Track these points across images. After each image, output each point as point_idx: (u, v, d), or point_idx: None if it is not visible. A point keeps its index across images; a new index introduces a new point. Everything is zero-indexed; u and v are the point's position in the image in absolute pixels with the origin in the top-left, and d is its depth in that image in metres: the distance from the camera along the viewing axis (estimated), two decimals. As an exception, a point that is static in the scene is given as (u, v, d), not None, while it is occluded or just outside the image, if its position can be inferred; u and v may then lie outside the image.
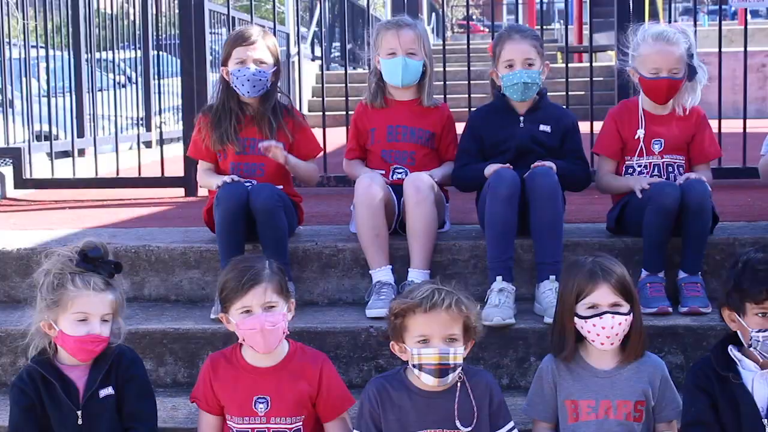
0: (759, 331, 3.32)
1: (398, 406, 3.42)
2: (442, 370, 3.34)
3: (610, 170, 4.65)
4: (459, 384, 3.42)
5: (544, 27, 8.67)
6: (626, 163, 4.62)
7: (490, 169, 4.37)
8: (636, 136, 4.57)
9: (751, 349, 3.35)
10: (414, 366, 3.38)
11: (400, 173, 4.69)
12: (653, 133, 4.57)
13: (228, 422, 3.58)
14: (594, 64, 7.01)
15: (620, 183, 4.60)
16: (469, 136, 4.66)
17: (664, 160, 4.57)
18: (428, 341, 3.35)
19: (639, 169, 4.57)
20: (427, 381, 3.38)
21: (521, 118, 4.60)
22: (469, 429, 3.38)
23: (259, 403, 3.54)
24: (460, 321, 3.36)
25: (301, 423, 3.56)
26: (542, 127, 4.59)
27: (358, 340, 4.20)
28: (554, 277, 4.13)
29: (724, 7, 7.11)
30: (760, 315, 3.32)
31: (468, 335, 3.40)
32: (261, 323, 3.47)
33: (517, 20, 7.70)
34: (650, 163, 4.57)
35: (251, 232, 4.41)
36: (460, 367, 3.40)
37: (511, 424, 3.48)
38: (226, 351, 3.67)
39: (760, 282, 3.30)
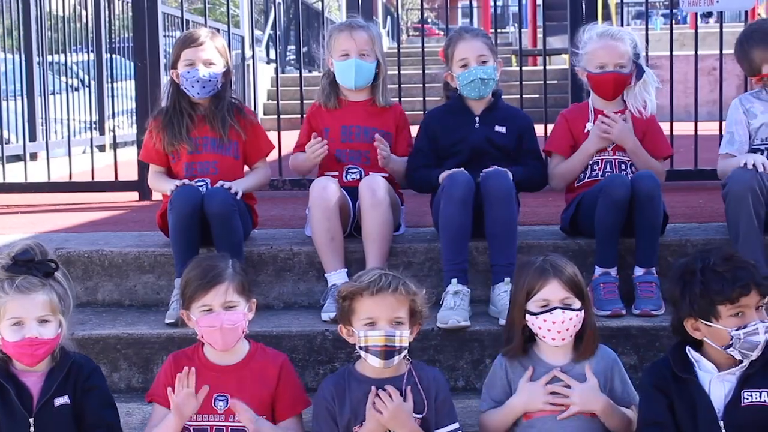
0: (739, 329, 3.33)
1: (351, 398, 3.46)
2: (387, 352, 3.40)
3: (558, 166, 4.70)
4: (407, 373, 3.48)
5: (499, 30, 8.72)
6: None
7: (443, 175, 4.39)
8: (585, 130, 4.63)
9: (730, 350, 3.35)
10: (360, 348, 3.45)
11: (354, 173, 4.70)
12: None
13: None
14: (548, 67, 7.06)
15: (573, 160, 4.60)
16: (423, 136, 4.68)
17: (615, 157, 4.61)
18: (375, 324, 3.42)
19: (590, 164, 4.62)
20: (373, 363, 3.43)
21: (477, 119, 4.63)
22: (420, 416, 3.41)
23: (219, 400, 3.57)
24: (407, 304, 3.44)
25: None
26: (498, 128, 4.62)
27: (313, 344, 4.20)
28: (509, 279, 4.14)
29: (675, 11, 7.18)
30: (734, 315, 3.34)
31: (414, 319, 3.48)
32: (221, 321, 3.53)
33: (471, 23, 7.75)
34: (602, 159, 4.61)
35: (206, 236, 4.39)
36: (406, 350, 3.45)
37: (456, 425, 3.49)
38: (188, 350, 3.71)
39: (729, 282, 3.32)
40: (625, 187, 4.26)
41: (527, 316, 3.51)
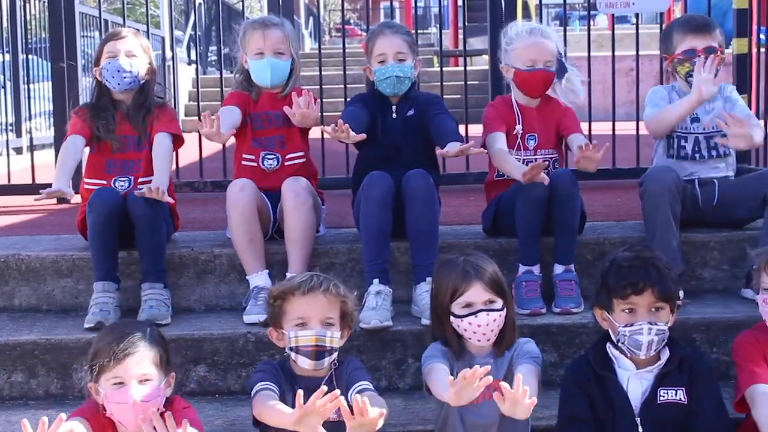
0: (626, 326, 3.41)
1: (283, 391, 3.43)
2: (318, 353, 3.40)
3: (501, 147, 4.57)
4: (332, 372, 3.48)
5: (422, 31, 8.75)
6: None
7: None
8: (515, 131, 4.67)
9: (620, 344, 3.44)
10: (291, 349, 3.43)
11: (271, 159, 4.68)
12: (527, 129, 4.68)
13: None
14: (469, 67, 7.11)
15: (511, 166, 4.48)
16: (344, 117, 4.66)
17: (537, 156, 4.66)
18: (306, 324, 3.40)
19: None
20: (303, 364, 3.42)
21: (393, 107, 4.65)
22: (338, 415, 3.38)
23: None
24: (337, 305, 3.43)
25: None
26: (410, 112, 4.64)
27: (236, 346, 4.17)
28: (430, 279, 4.15)
29: (593, 12, 7.28)
30: (626, 311, 3.42)
31: (344, 322, 3.47)
32: (133, 397, 3.18)
33: (393, 24, 7.75)
34: (524, 158, 4.66)
35: (123, 238, 4.35)
36: (336, 352, 3.45)
37: (366, 384, 3.42)
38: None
39: (623, 278, 3.40)
40: (543, 187, 4.30)
41: (452, 318, 3.53)
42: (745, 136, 4.43)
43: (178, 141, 4.71)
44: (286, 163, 4.68)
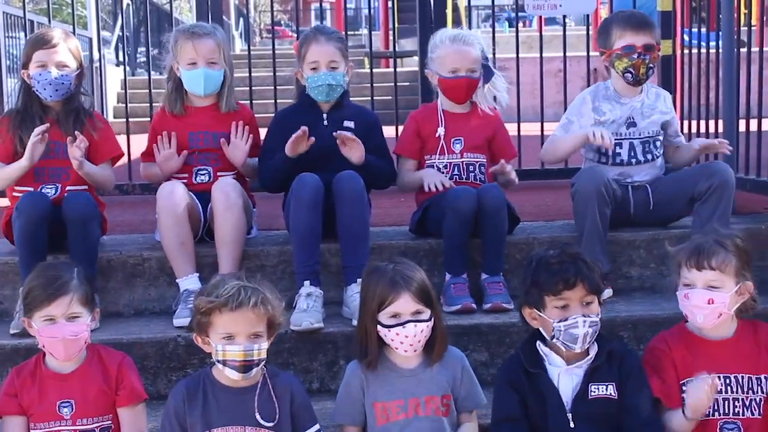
0: (560, 321, 3.44)
1: (203, 404, 3.42)
2: (246, 366, 3.37)
3: (410, 169, 4.75)
4: (261, 381, 3.46)
5: (352, 32, 8.75)
6: (427, 162, 4.72)
7: (289, 143, 4.40)
8: (437, 134, 4.69)
9: (554, 341, 3.47)
10: (218, 361, 3.40)
11: (203, 175, 4.66)
12: (453, 133, 4.70)
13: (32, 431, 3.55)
14: (399, 69, 7.13)
15: (413, 178, 4.68)
16: (272, 135, 4.66)
17: (463, 159, 4.69)
18: (233, 338, 3.37)
19: (440, 167, 4.68)
20: (231, 375, 3.40)
21: (325, 116, 4.64)
22: (272, 425, 3.39)
23: (63, 407, 3.54)
24: (266, 318, 3.41)
25: (109, 421, 3.58)
26: (346, 123, 4.64)
27: (165, 350, 4.14)
28: (361, 280, 4.17)
29: (522, 14, 7.35)
30: (558, 307, 3.45)
31: (272, 331, 3.46)
32: (63, 333, 3.49)
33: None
34: (450, 162, 4.68)
35: (53, 243, 4.30)
36: (264, 362, 3.43)
37: (316, 427, 3.51)
38: (29, 362, 3.64)
39: (554, 274, 3.43)
40: (471, 201, 4.34)
41: (379, 327, 3.52)
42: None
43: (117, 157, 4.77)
44: (219, 174, 4.65)
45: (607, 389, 3.48)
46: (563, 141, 4.76)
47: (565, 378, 3.50)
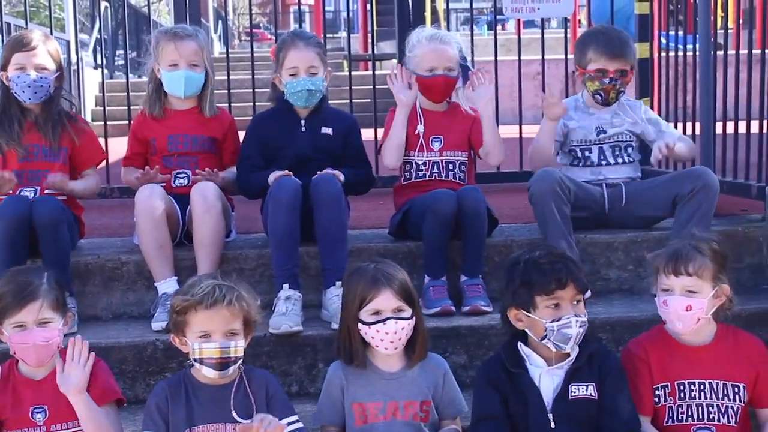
0: (553, 321, 3.44)
1: (186, 402, 3.43)
2: (223, 364, 3.38)
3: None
4: (237, 379, 3.47)
5: (331, 35, 8.74)
6: (405, 158, 4.73)
7: (272, 176, 4.39)
8: (416, 132, 4.69)
9: (545, 341, 3.46)
10: (195, 360, 3.40)
11: (182, 178, 4.65)
12: (432, 131, 4.72)
13: None
14: (378, 72, 7.13)
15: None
16: (250, 141, 4.67)
17: (443, 157, 4.71)
18: (209, 336, 3.37)
19: (420, 164, 4.69)
20: (208, 374, 3.40)
21: (302, 122, 4.64)
22: (249, 421, 3.38)
23: (37, 413, 3.51)
24: (241, 316, 3.41)
25: None
26: (324, 130, 4.65)
27: (144, 354, 4.13)
28: (340, 283, 4.14)
29: (501, 17, 7.39)
30: (551, 306, 3.45)
31: (248, 329, 3.46)
32: (34, 339, 3.46)
33: (301, 28, 7.73)
34: (429, 160, 4.70)
35: (32, 247, 4.27)
36: (241, 360, 3.44)
37: (294, 418, 3.49)
38: (3, 367, 3.61)
39: (547, 274, 3.43)
40: (451, 204, 4.35)
41: (360, 325, 3.52)
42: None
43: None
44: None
45: (587, 390, 3.49)
46: (538, 136, 4.80)
47: (546, 378, 3.51)
